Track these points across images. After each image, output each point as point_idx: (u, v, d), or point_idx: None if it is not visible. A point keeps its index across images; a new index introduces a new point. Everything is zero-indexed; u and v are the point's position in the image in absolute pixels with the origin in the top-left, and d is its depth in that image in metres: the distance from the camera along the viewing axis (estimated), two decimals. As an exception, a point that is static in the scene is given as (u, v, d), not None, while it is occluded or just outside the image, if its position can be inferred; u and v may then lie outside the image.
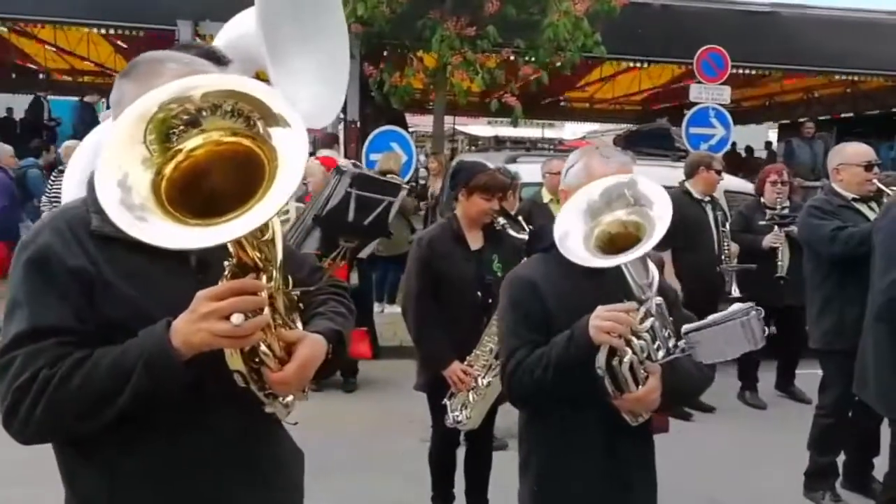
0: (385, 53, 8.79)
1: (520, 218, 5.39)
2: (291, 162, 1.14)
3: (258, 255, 1.26)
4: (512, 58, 8.39)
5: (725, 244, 5.30)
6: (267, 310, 1.25)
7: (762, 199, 5.50)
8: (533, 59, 8.19)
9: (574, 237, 1.73)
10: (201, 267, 1.34)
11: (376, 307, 7.14)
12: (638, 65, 12.07)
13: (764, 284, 5.20)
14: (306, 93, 3.18)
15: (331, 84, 3.34)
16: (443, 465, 3.53)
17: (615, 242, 1.70)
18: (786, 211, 5.31)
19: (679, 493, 4.05)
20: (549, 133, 25.36)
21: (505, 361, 1.89)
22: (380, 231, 1.36)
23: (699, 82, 9.26)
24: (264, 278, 1.27)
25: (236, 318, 1.18)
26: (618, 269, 1.72)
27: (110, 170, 1.13)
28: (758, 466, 4.48)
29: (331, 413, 5.09)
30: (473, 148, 19.76)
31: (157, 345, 1.25)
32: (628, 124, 16.32)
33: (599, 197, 1.77)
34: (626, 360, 1.71)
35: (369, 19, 7.82)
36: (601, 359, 1.70)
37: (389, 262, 7.61)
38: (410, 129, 15.36)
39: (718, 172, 5.40)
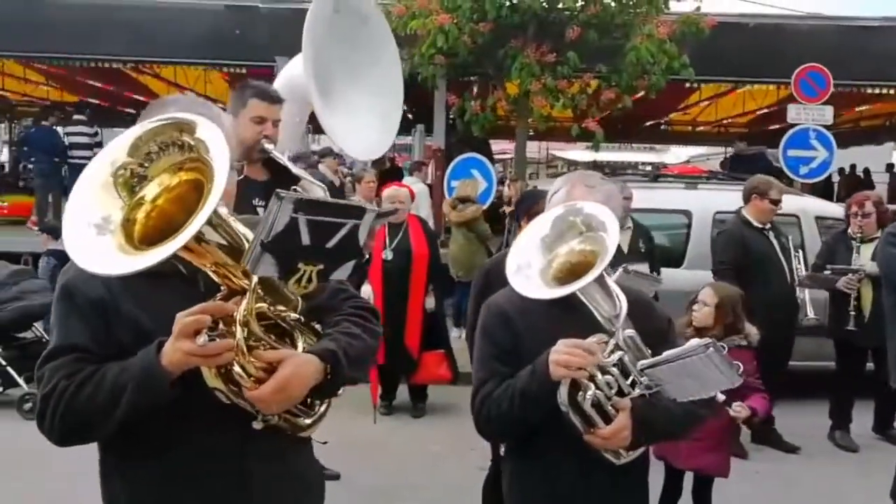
0: (472, 85, 8.92)
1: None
2: (217, 176, 1.23)
3: (245, 282, 1.35)
4: (594, 83, 8.29)
5: (797, 268, 4.98)
6: (239, 332, 1.33)
7: (849, 231, 5.15)
8: (615, 83, 8.07)
9: (534, 269, 1.70)
10: (210, 292, 1.41)
11: (454, 332, 7.19)
12: (731, 86, 11.59)
13: (845, 322, 4.90)
14: (361, 128, 3.32)
15: (384, 118, 3.46)
16: (494, 496, 3.51)
17: (576, 272, 1.66)
18: (859, 252, 4.96)
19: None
20: (651, 157, 24.75)
21: (474, 392, 1.85)
22: (351, 253, 1.38)
23: (798, 102, 8.78)
24: (244, 303, 1.35)
25: (200, 339, 1.29)
26: (592, 300, 1.68)
27: (94, 207, 1.28)
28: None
29: (396, 437, 5.18)
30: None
31: (147, 364, 1.37)
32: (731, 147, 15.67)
33: (551, 229, 1.73)
34: (588, 395, 1.65)
35: (451, 49, 7.98)
36: (563, 394, 1.65)
37: (467, 287, 7.64)
38: (502, 156, 15.43)
39: (774, 202, 4.94)
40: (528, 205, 3.35)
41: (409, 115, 14.86)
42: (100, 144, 11.38)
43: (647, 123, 17.86)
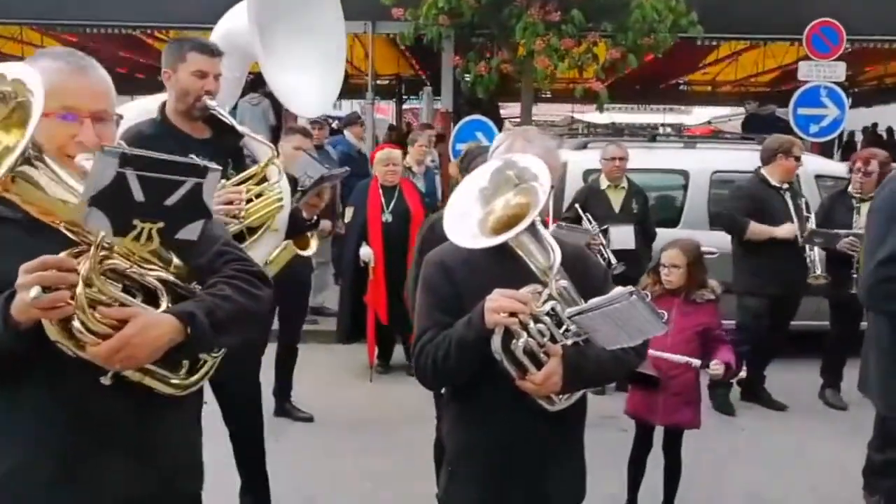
0: (476, 46, 8.82)
1: (576, 205, 5.35)
2: (32, 113, 1.24)
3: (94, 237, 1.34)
4: (598, 42, 8.17)
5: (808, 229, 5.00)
6: (80, 287, 1.32)
7: (849, 189, 5.12)
8: (623, 41, 7.93)
9: (473, 219, 1.75)
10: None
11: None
12: (748, 44, 11.30)
13: (846, 285, 4.88)
14: (305, 85, 3.35)
15: (327, 76, 3.49)
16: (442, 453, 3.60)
17: (511, 225, 1.70)
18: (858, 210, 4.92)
19: (721, 488, 3.93)
20: (671, 118, 24.36)
21: (415, 342, 1.91)
22: (196, 213, 1.33)
23: (809, 59, 8.58)
24: (87, 259, 1.33)
25: (33, 291, 1.29)
26: (526, 252, 1.74)
27: None
28: (820, 468, 4.24)
29: (390, 395, 5.31)
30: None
31: None
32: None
33: (489, 182, 1.78)
34: (520, 342, 1.71)
35: (453, 10, 7.91)
36: (496, 342, 1.71)
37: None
38: (517, 119, 15.29)
39: (798, 159, 5.05)
40: (467, 163, 3.43)
41: (423, 78, 14.80)
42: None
43: (666, 84, 17.53)
